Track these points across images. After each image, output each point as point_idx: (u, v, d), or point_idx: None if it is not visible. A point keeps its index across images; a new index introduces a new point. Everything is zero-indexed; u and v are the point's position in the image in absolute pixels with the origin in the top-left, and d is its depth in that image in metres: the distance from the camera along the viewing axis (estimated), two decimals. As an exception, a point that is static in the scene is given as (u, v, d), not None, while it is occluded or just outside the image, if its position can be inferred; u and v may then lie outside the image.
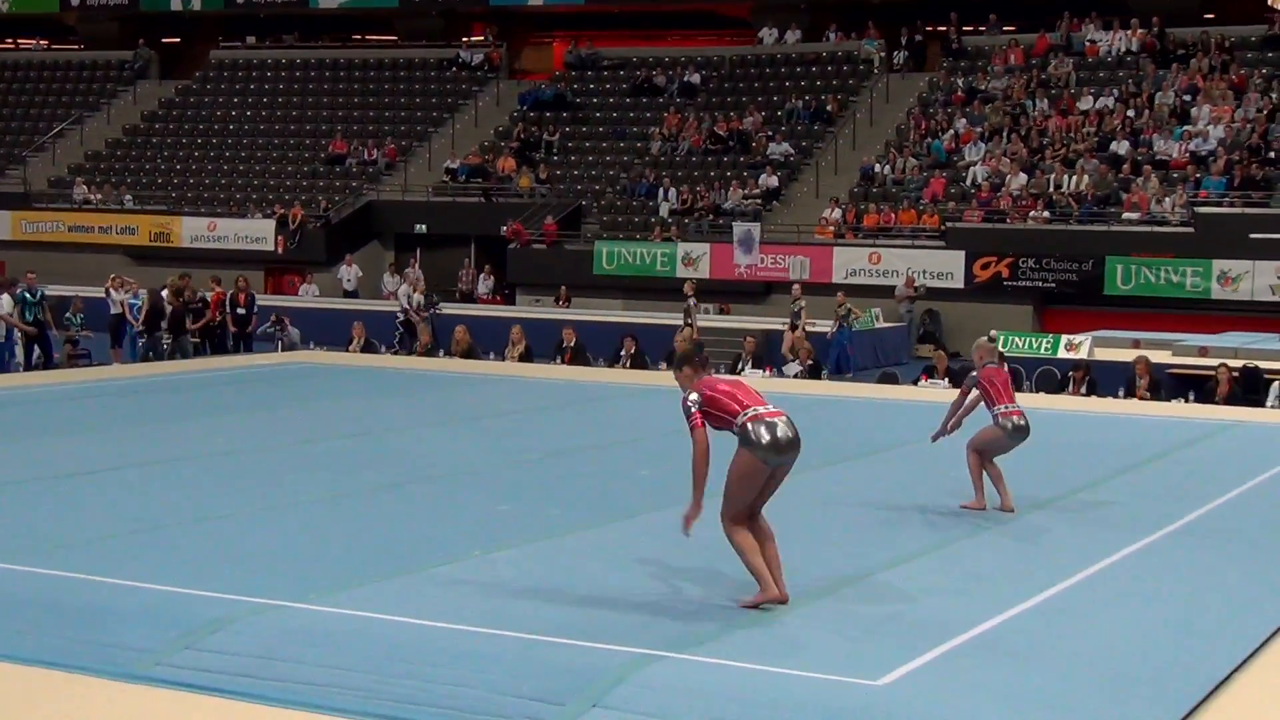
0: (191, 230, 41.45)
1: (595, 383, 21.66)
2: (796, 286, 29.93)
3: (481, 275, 38.35)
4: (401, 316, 28.82)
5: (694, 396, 8.91)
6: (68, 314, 27.88)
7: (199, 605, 8.40)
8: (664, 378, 22.66)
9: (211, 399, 19.03)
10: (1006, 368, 12.41)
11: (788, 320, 28.58)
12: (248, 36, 52.97)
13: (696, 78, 43.66)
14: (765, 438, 8.67)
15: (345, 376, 21.70)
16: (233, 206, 42.57)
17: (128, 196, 43.63)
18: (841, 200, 36.68)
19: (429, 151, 43.89)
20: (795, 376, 23.74)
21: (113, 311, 28.22)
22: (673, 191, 38.54)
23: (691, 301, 28.53)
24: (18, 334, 24.32)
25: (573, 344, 25.06)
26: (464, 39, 50.16)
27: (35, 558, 9.38)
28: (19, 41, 59.38)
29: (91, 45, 53.51)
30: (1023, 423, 11.95)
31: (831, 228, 35.85)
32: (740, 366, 24.29)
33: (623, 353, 24.92)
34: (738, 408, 8.80)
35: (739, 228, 35.14)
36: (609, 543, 10.52)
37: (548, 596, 8.86)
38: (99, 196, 43.72)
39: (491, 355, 25.84)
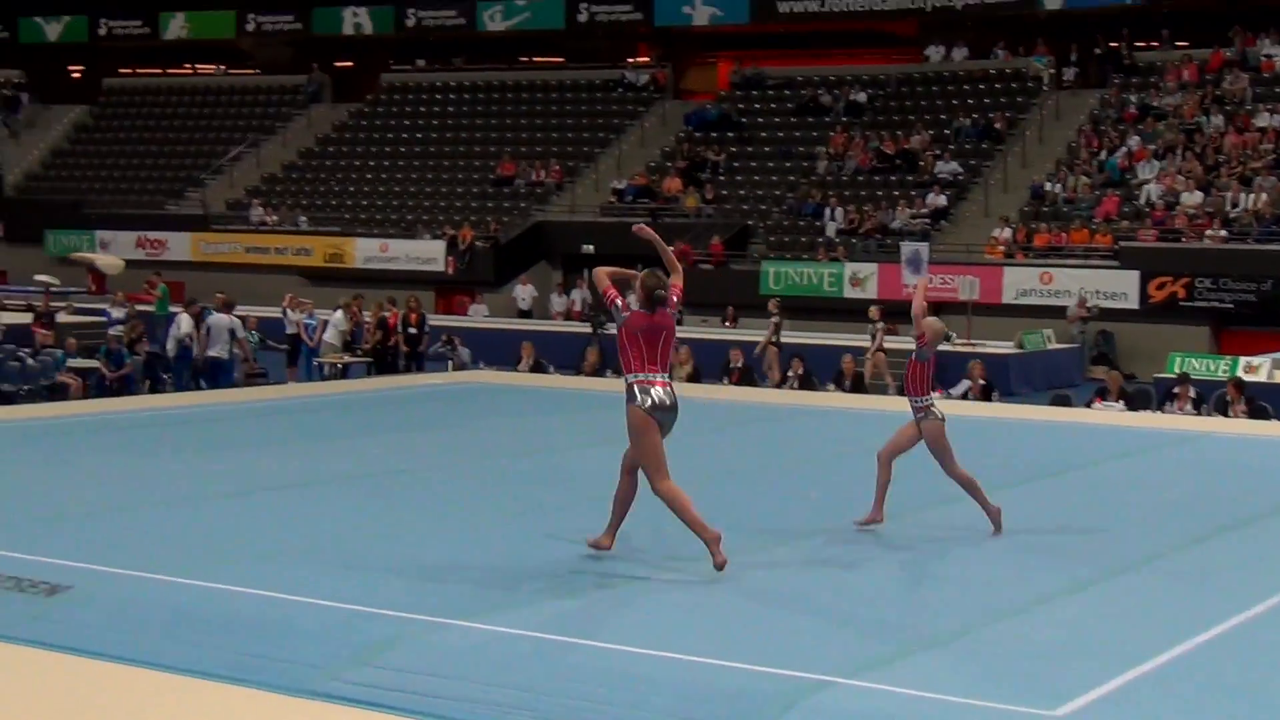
0: (364, 251, 42.09)
1: (762, 404, 21.59)
2: (874, 309, 29.54)
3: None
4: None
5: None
6: (245, 333, 28.49)
7: (374, 622, 8.49)
8: (833, 399, 22.62)
9: (385, 418, 19.30)
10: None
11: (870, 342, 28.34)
12: (418, 60, 53.77)
13: (863, 96, 43.43)
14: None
15: (515, 396, 21.88)
16: (404, 228, 43.17)
17: (302, 218, 44.44)
18: (1011, 219, 36.23)
19: (596, 172, 44.14)
20: (964, 397, 23.44)
21: (288, 331, 28.80)
22: (839, 211, 38.34)
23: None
24: (198, 354, 24.90)
25: (740, 365, 25.02)
26: (629, 60, 50.44)
27: (212, 572, 9.54)
28: (197, 67, 60.86)
29: (266, 70, 54.71)
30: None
31: (1001, 247, 35.43)
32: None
33: (790, 374, 24.84)
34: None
35: (907, 247, 34.83)
36: (777, 565, 10.45)
37: (717, 619, 8.84)
38: (275, 218, 44.59)
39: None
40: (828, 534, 11.45)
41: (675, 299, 10.36)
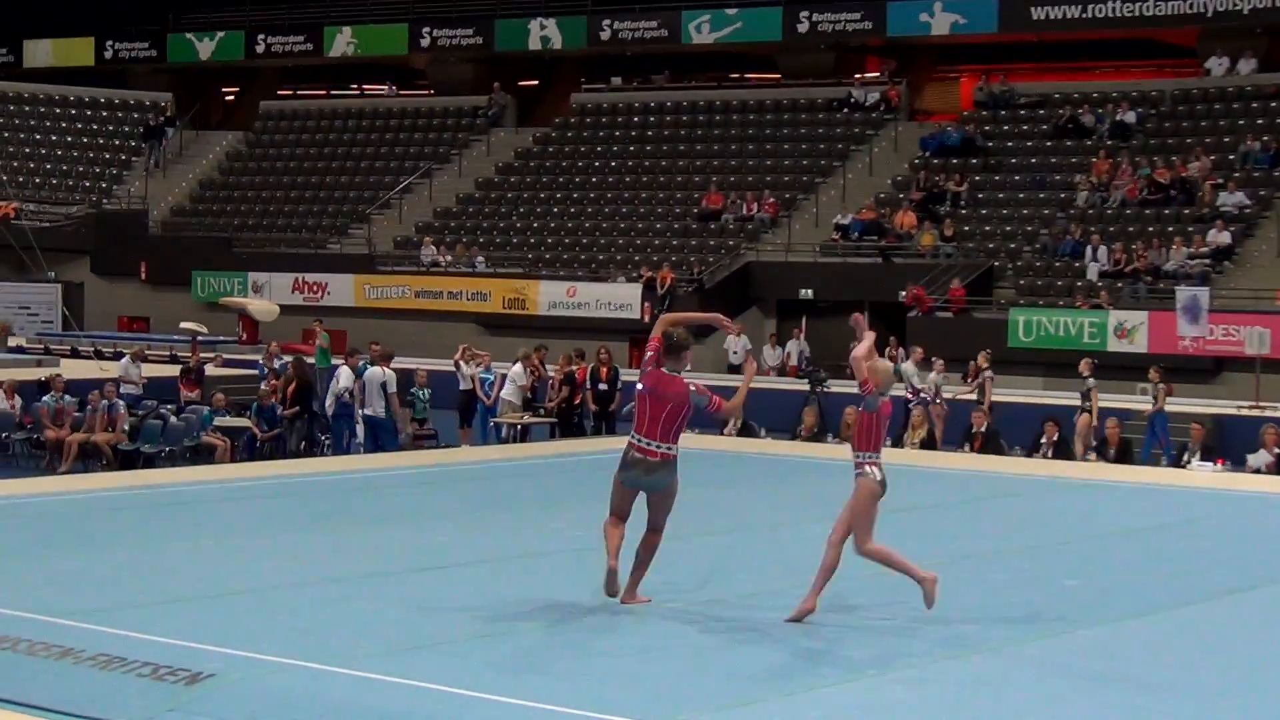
0: (549, 296, 42.47)
1: (1010, 474, 21.31)
2: (1085, 361, 28.90)
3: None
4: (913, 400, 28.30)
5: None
6: (413, 389, 28.86)
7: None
8: (1096, 470, 22.22)
9: (570, 487, 19.38)
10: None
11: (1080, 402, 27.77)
12: (613, 77, 54.26)
13: (1131, 116, 42.85)
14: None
15: (720, 463, 21.82)
16: (594, 269, 43.50)
17: (480, 258, 45.01)
18: (1309, 260, 35.51)
19: (816, 205, 44.10)
20: (1262, 470, 22.87)
21: (462, 387, 29.13)
22: (1103, 250, 37.81)
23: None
24: (359, 412, 25.28)
25: (984, 429, 24.73)
26: (857, 76, 50.34)
27: (372, 662, 9.64)
28: (365, 87, 62.14)
29: (442, 90, 55.61)
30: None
31: (1297, 292, 34.69)
32: (1186, 459, 23.61)
33: (1043, 440, 24.49)
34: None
35: (1183, 293, 34.17)
36: (1030, 662, 10.27)
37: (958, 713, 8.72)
38: (448, 258, 45.21)
39: (888, 441, 25.64)
40: (1090, 629, 11.22)
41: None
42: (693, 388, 11.68)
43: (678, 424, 11.59)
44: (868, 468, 11.28)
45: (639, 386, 11.71)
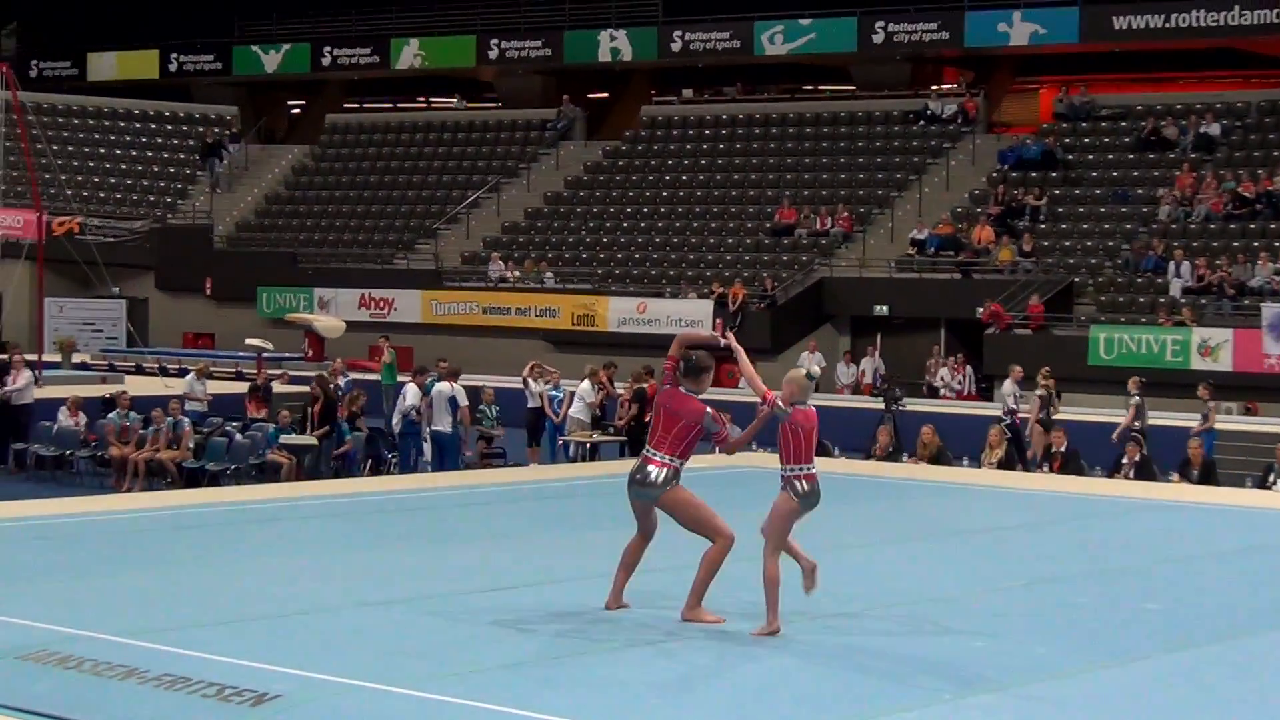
0: (619, 312, 42.55)
1: (1091, 495, 21.21)
2: (1133, 380, 28.75)
3: (950, 364, 38.10)
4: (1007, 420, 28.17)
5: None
6: (480, 406, 28.95)
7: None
8: (1179, 491, 22.09)
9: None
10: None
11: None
12: (684, 89, 54.35)
13: (1216, 128, 42.63)
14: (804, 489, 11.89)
15: (792, 483, 21.82)
16: (665, 285, 43.56)
17: (548, 274, 45.14)
18: (1400, 275, 35.18)
19: (891, 220, 44.04)
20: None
21: (530, 404, 29.21)
22: (1186, 266, 37.61)
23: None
24: (426, 430, 25.39)
25: (1063, 449, 24.64)
26: (933, 87, 50.28)
27: (445, 683, 9.70)
28: (432, 100, 62.45)
29: (510, 103, 55.83)
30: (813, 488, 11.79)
31: (1388, 309, 34.39)
32: (1272, 479, 23.43)
33: (1124, 460, 24.36)
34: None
35: (1269, 309, 33.98)
36: (1107, 690, 10.22)
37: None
38: (516, 274, 45.37)
39: (965, 460, 25.60)
40: (1169, 655, 11.16)
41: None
42: (709, 411, 12.08)
43: (687, 441, 12.02)
44: (796, 481, 11.77)
45: (655, 400, 12.33)
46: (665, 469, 11.90)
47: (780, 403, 11.65)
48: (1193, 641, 11.64)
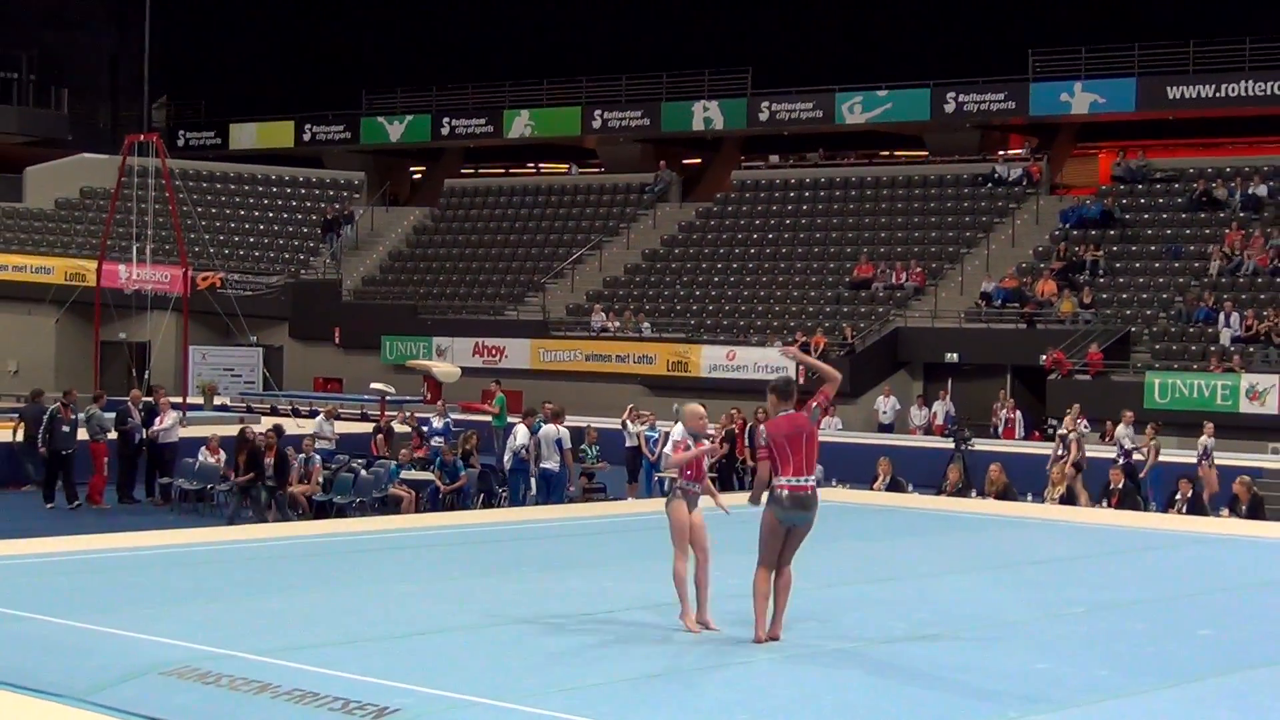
0: (710, 359, 42.54)
1: (1147, 529, 21.01)
2: (1149, 429, 28.48)
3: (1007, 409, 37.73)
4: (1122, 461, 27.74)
5: (763, 435, 11.76)
6: (583, 445, 28.97)
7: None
8: (1230, 525, 21.84)
9: (730, 537, 19.30)
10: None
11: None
12: (771, 155, 54.38)
13: (1263, 189, 42.21)
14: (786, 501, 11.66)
15: (870, 516, 21.74)
16: (753, 334, 43.52)
17: (645, 324, 45.20)
18: None
19: (961, 274, 43.84)
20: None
21: (628, 444, 29.24)
22: (1235, 316, 37.22)
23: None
24: (534, 468, 25.45)
25: (1120, 486, 24.43)
26: (1000, 152, 50.08)
27: (552, 698, 9.73)
28: (541, 166, 62.80)
29: (612, 168, 56.04)
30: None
31: None
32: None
33: (1178, 496, 24.12)
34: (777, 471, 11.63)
35: (1313, 357, 33.61)
36: (1162, 710, 10.10)
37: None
38: (616, 324, 45.45)
39: (1030, 496, 25.42)
40: (1221, 678, 11.02)
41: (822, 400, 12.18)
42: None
43: (815, 453, 12.03)
44: (678, 487, 12.65)
45: (763, 441, 12.03)
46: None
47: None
48: (1242, 665, 11.49)
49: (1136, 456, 27.67)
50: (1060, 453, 27.57)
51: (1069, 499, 25.10)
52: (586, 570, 15.91)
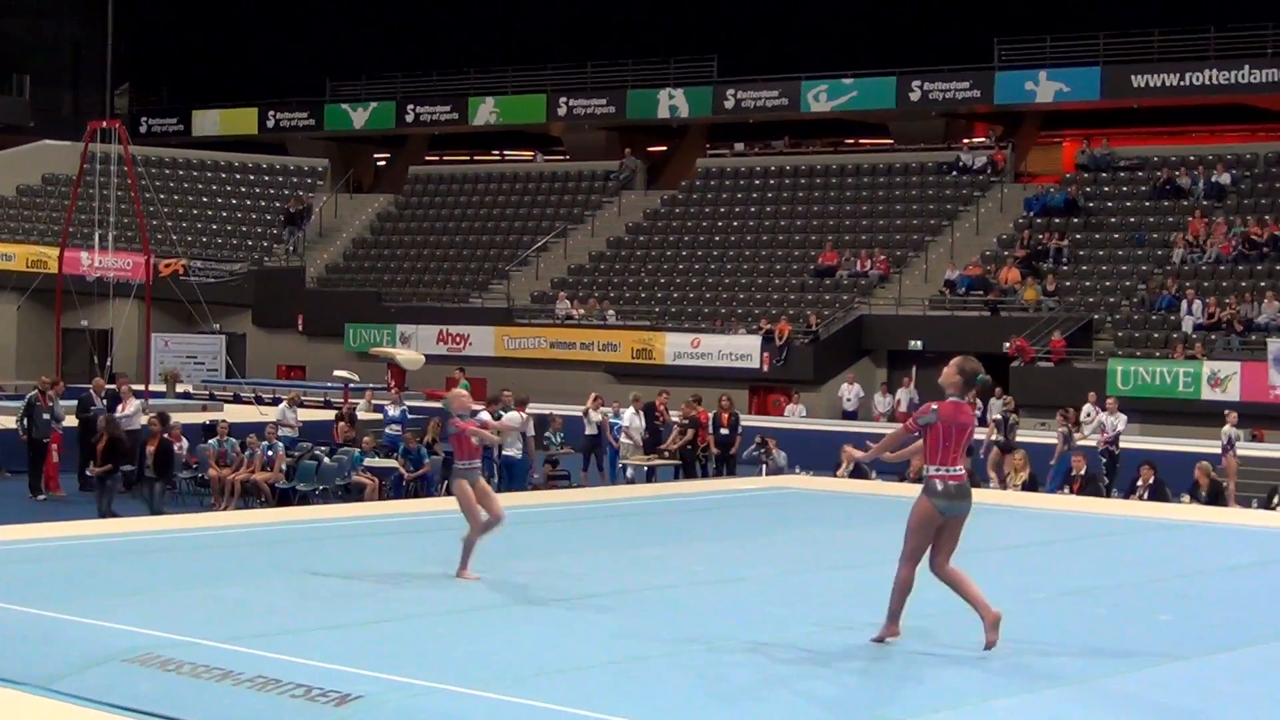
0: (674, 346, 42.59)
1: (1109, 515, 21.09)
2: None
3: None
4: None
5: (933, 409, 10.97)
6: (548, 433, 29.00)
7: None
8: (1190, 512, 21.95)
9: (692, 525, 19.41)
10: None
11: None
12: (736, 143, 54.41)
13: (1226, 178, 42.40)
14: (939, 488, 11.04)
15: (834, 504, 21.80)
16: (717, 322, 43.56)
17: (610, 312, 45.22)
18: (1397, 313, 34.87)
19: (925, 262, 43.96)
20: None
21: (587, 432, 29.27)
22: (1198, 304, 37.40)
23: (1070, 427, 27.76)
24: (497, 455, 25.44)
25: (1083, 472, 24.53)
26: (965, 141, 50.22)
27: (512, 686, 9.69)
28: (506, 153, 62.72)
29: (577, 156, 56.02)
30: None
31: (1386, 344, 34.10)
32: (1277, 501, 23.28)
33: (1139, 482, 24.24)
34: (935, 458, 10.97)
35: (1275, 344, 33.77)
36: (1122, 692, 10.16)
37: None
38: (581, 312, 45.46)
39: (991, 483, 25.51)
40: (1179, 662, 11.08)
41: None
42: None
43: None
44: (457, 468, 13.88)
45: (926, 420, 11.07)
46: None
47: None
48: (1202, 650, 11.56)
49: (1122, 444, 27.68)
50: (995, 437, 27.65)
51: (999, 479, 25.24)
52: (547, 558, 15.91)
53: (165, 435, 24.07)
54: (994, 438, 27.29)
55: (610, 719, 8.99)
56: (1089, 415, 29.27)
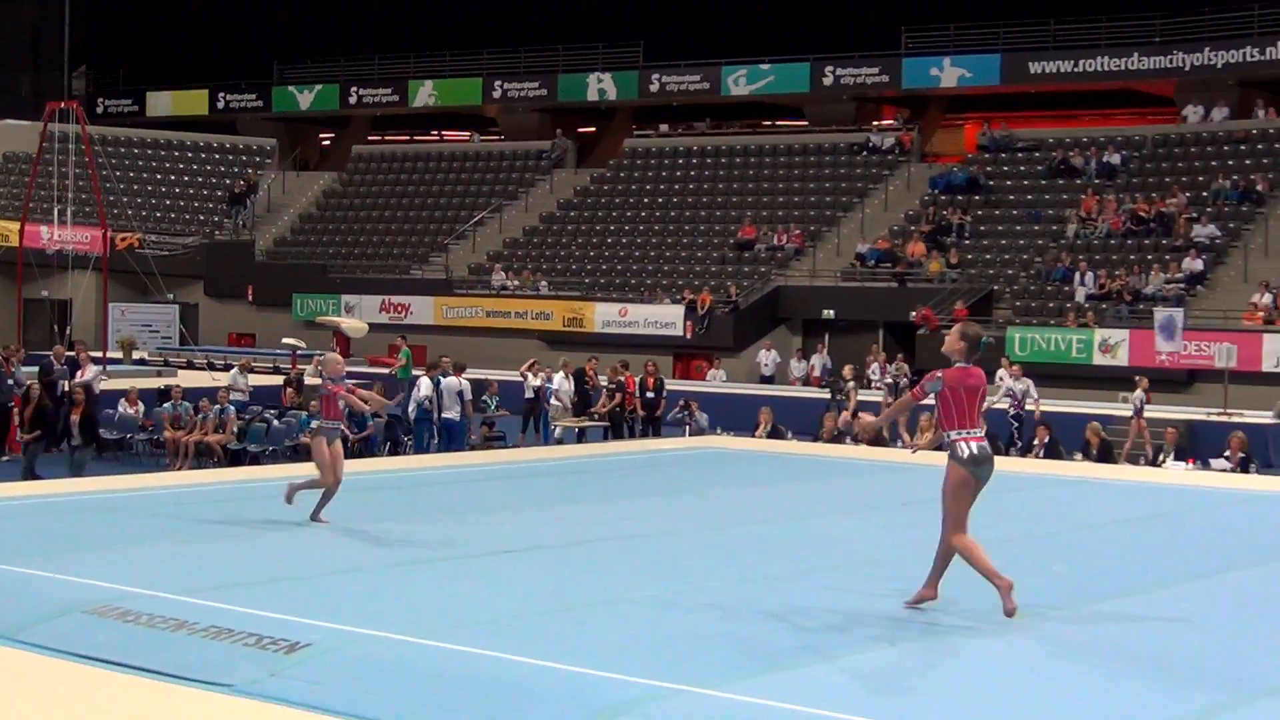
0: (603, 315, 42.58)
1: (1008, 473, 21.20)
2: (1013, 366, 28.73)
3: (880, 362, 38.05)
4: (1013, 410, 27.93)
5: (938, 377, 10.32)
6: (484, 397, 28.93)
7: (609, 687, 8.51)
8: (1087, 469, 22.13)
9: (619, 483, 19.43)
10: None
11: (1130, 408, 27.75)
12: (660, 125, 54.38)
13: (1116, 158, 42.72)
14: (964, 453, 10.32)
15: (752, 462, 21.87)
16: (643, 292, 43.57)
17: (543, 282, 45.16)
18: (1272, 284, 35.21)
19: (838, 236, 44.08)
20: (1226, 469, 22.78)
21: (526, 395, 29.22)
22: (1090, 276, 37.68)
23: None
24: (437, 417, 25.36)
25: (985, 432, 24.65)
26: (874, 123, 50.34)
27: (446, 633, 9.69)
28: (444, 133, 62.42)
29: (512, 136, 55.84)
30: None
31: (1261, 313, 34.44)
32: (1162, 459, 23.52)
33: (1035, 442, 24.43)
34: (953, 423, 10.30)
35: (1160, 313, 34.09)
36: (1021, 641, 10.23)
37: (953, 691, 8.69)
38: (515, 283, 45.38)
39: (900, 443, 25.66)
40: (1070, 610, 11.18)
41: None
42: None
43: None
44: (321, 427, 14.10)
45: (932, 387, 10.45)
46: None
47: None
48: (1092, 598, 11.66)
49: (1029, 405, 27.75)
50: (839, 400, 27.74)
51: (836, 440, 25.37)
52: (487, 514, 15.90)
53: (89, 404, 23.30)
54: (851, 404, 27.48)
55: (545, 664, 9.00)
56: (1000, 379, 29.42)
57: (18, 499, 16.24)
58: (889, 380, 28.29)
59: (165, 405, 26.43)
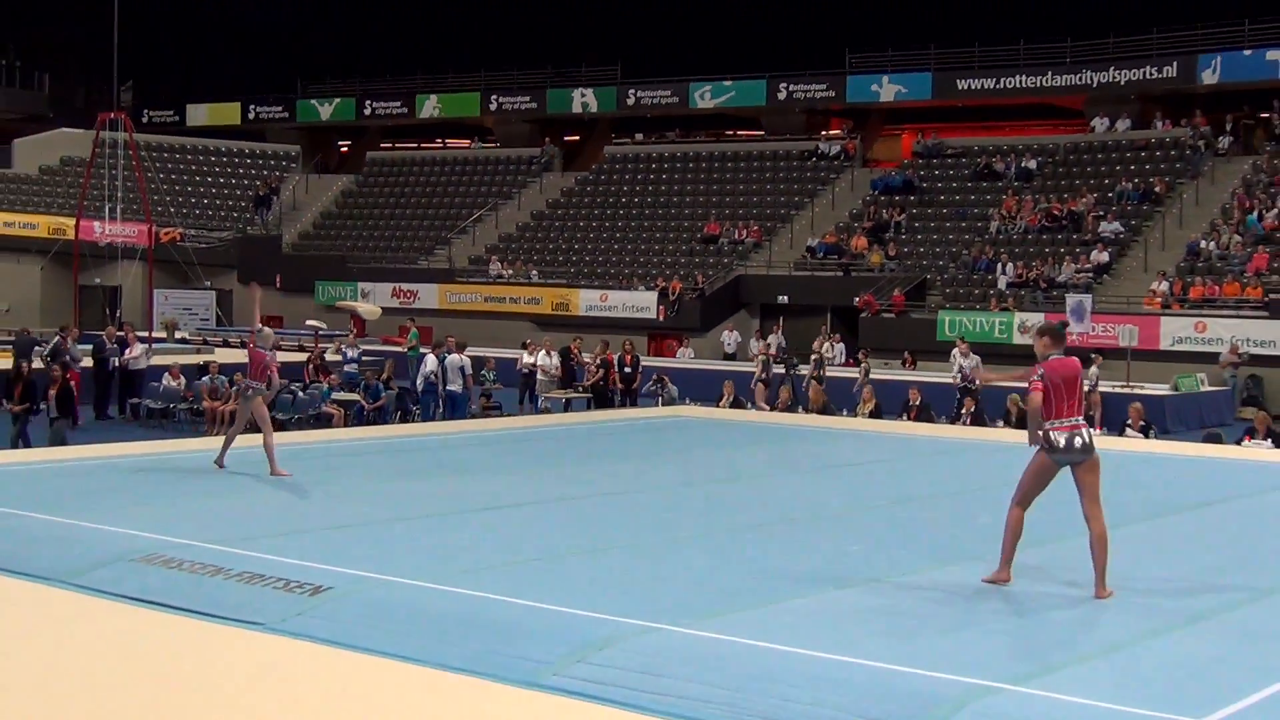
0: (587, 301, 42.52)
1: (939, 437, 21.30)
2: (860, 353, 28.71)
3: (830, 342, 38.06)
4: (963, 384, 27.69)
5: (1040, 372, 9.63)
6: (483, 371, 28.86)
7: (590, 625, 8.54)
8: (1001, 433, 22.18)
9: (601, 447, 19.43)
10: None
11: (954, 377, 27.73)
12: (636, 134, 54.29)
13: (1033, 164, 42.76)
14: (1050, 442, 9.62)
15: (717, 429, 21.87)
16: (622, 280, 43.52)
17: (534, 272, 45.08)
18: (1169, 274, 35.33)
19: (791, 232, 44.06)
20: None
21: (522, 371, 29.17)
22: (1010, 266, 37.74)
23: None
24: (441, 390, 25.31)
25: (918, 403, 24.73)
26: (823, 133, 50.32)
27: (452, 578, 9.70)
28: (447, 141, 62.25)
29: (506, 143, 55.68)
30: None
31: (1159, 299, 34.55)
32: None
33: (963, 411, 24.46)
34: (1050, 413, 9.61)
35: (1072, 298, 34.14)
36: (950, 582, 10.27)
37: (893, 629, 8.72)
38: (510, 272, 45.29)
39: (845, 412, 25.69)
40: (997, 556, 11.21)
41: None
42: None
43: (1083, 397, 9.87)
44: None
45: (1039, 379, 9.61)
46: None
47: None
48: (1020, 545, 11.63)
49: (978, 381, 27.65)
50: (761, 373, 27.73)
51: (790, 409, 25.36)
52: (485, 473, 15.90)
53: (65, 379, 22.13)
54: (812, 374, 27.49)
55: (535, 604, 9.01)
56: (953, 357, 29.40)
57: (70, 460, 16.18)
58: (815, 356, 28.20)
59: (204, 379, 26.31)
